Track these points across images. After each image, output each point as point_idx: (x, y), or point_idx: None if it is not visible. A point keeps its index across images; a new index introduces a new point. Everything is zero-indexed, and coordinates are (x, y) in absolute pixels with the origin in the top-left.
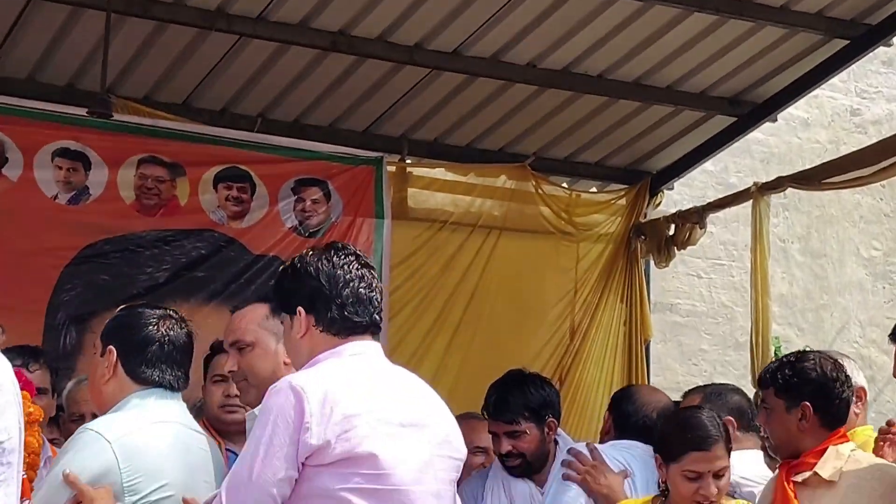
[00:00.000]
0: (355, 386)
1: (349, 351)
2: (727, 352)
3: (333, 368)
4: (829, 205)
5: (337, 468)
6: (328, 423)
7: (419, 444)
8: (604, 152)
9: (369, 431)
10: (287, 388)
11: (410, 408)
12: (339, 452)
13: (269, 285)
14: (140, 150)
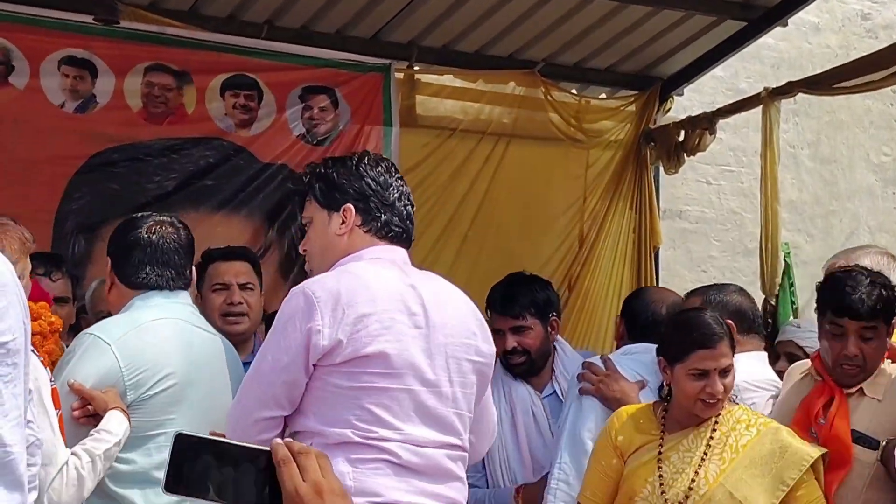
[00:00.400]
0: (372, 287)
1: (371, 254)
2: (736, 258)
3: (353, 270)
4: (839, 110)
5: (348, 367)
6: (340, 325)
7: (434, 346)
8: (614, 58)
9: (382, 331)
10: (300, 293)
11: (430, 309)
12: (350, 352)
13: (277, 194)
14: (147, 58)
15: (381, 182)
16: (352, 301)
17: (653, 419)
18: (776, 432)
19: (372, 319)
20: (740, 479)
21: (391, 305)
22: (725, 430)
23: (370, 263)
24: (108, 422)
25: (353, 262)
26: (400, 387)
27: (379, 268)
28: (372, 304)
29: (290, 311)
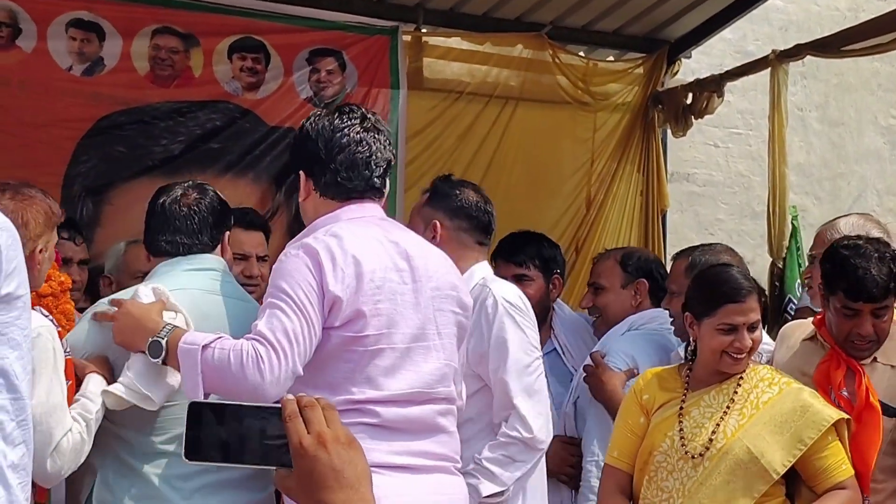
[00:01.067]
0: (359, 247)
1: (346, 215)
2: (744, 221)
3: (337, 232)
4: (848, 73)
5: (343, 330)
6: (341, 283)
7: (423, 300)
8: (621, 20)
9: (375, 290)
10: (298, 252)
11: (415, 265)
12: (348, 313)
13: (284, 157)
14: (153, 21)
15: (326, 140)
16: (346, 261)
17: (678, 378)
18: (798, 392)
19: (366, 279)
20: (758, 434)
21: (379, 263)
22: (748, 387)
23: (350, 224)
24: (87, 385)
25: (332, 223)
26: (390, 346)
27: (359, 227)
28: (365, 263)
29: (297, 265)
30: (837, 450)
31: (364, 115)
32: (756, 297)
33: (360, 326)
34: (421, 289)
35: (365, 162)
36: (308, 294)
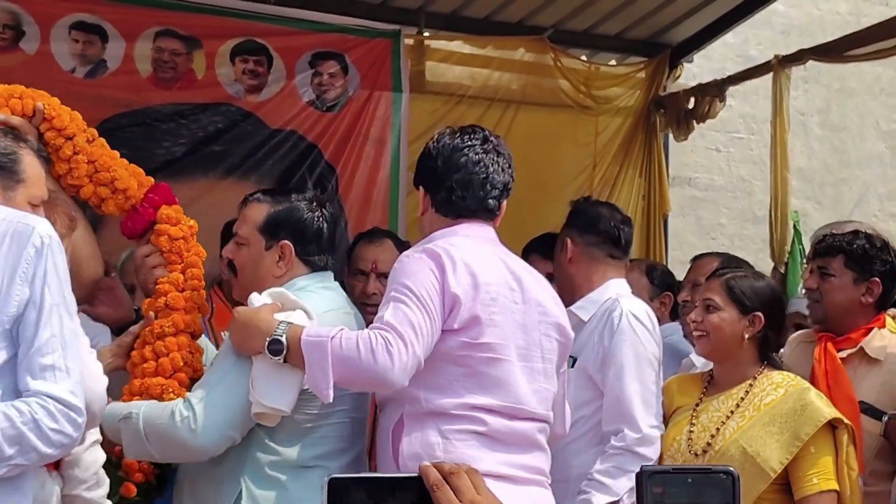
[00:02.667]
0: (478, 259)
1: (463, 231)
2: (745, 226)
3: (455, 243)
4: (850, 77)
5: (459, 335)
6: (461, 285)
7: (529, 322)
8: (623, 24)
9: (490, 302)
10: (421, 254)
11: (525, 287)
12: (466, 318)
13: (286, 160)
14: (156, 23)
15: (445, 158)
16: (464, 268)
17: (699, 384)
18: (803, 392)
19: (483, 290)
20: (756, 435)
21: (495, 279)
22: (757, 391)
23: (466, 238)
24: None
25: (450, 236)
26: (502, 358)
27: (476, 243)
28: (483, 275)
29: (420, 266)
30: (826, 460)
31: (486, 137)
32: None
33: (477, 333)
34: (529, 311)
35: (480, 183)
36: (430, 291)
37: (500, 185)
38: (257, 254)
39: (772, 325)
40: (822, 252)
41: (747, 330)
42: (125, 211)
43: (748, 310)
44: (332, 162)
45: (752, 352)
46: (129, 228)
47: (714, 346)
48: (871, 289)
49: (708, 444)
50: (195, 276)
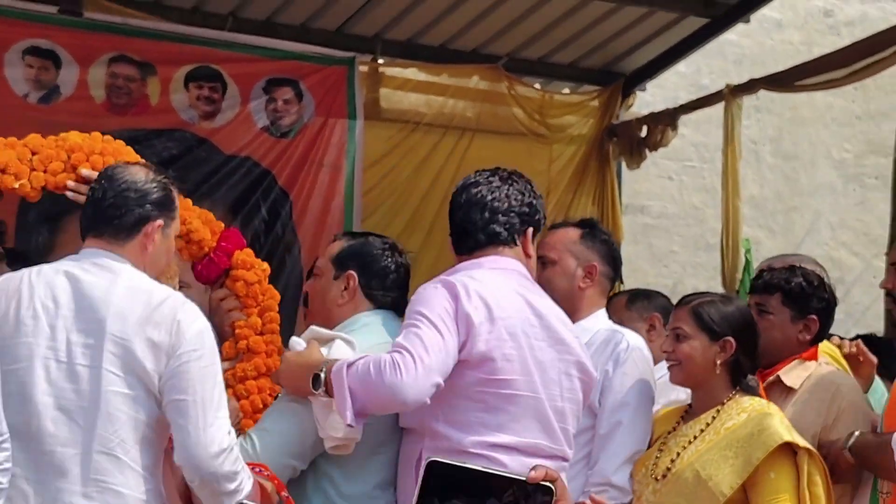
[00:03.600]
0: (498, 293)
1: (489, 264)
2: (697, 253)
3: (477, 276)
4: (801, 107)
5: (475, 369)
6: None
7: (549, 360)
8: (577, 53)
9: (507, 337)
10: (437, 284)
11: (546, 324)
12: (483, 350)
13: (240, 186)
14: (110, 49)
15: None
16: (484, 301)
17: (679, 412)
18: (763, 417)
19: (500, 324)
20: (711, 459)
21: (515, 314)
22: (724, 417)
23: (490, 272)
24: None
25: (471, 269)
26: (520, 394)
27: (499, 276)
28: (499, 309)
29: (437, 297)
30: (786, 485)
31: (494, 171)
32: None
33: (492, 369)
34: (550, 348)
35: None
36: (442, 314)
37: (506, 211)
38: (326, 283)
39: (744, 349)
40: (759, 289)
41: (719, 356)
42: (199, 259)
43: (718, 336)
44: (286, 188)
45: (724, 377)
46: (203, 276)
47: (686, 375)
48: (808, 326)
49: (668, 469)
50: (272, 319)
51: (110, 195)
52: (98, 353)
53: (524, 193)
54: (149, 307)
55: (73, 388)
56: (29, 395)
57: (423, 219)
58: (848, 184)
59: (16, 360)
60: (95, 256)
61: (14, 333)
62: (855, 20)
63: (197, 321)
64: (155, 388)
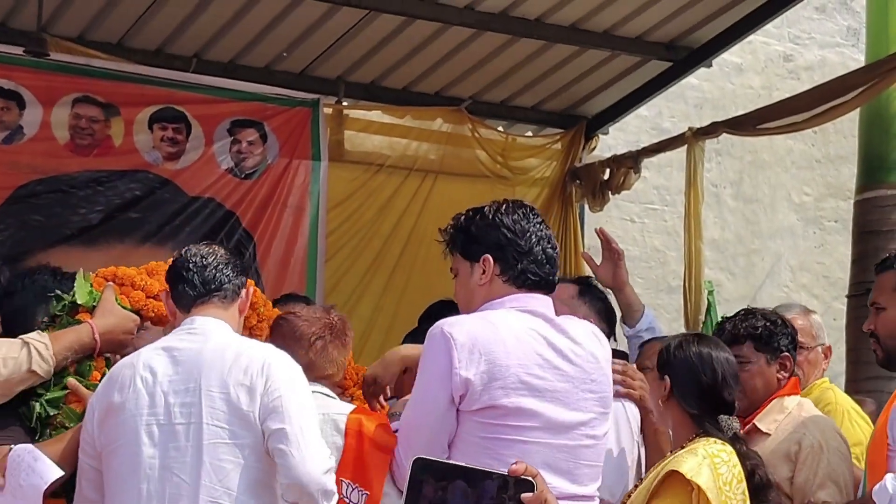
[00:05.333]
0: (510, 338)
1: (511, 303)
2: (660, 295)
3: (492, 319)
4: (762, 150)
5: (483, 416)
6: (475, 368)
7: (569, 399)
8: (540, 96)
9: (518, 385)
10: (438, 335)
11: (568, 360)
12: (486, 399)
13: (204, 227)
14: (74, 90)
15: (517, 230)
16: (489, 349)
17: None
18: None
19: (508, 372)
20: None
21: (528, 359)
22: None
23: (509, 312)
24: None
25: (493, 309)
26: (533, 440)
27: (518, 317)
28: (507, 356)
29: (432, 353)
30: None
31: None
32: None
33: (502, 416)
34: (570, 388)
35: (551, 258)
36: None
37: (555, 258)
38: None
39: (680, 391)
40: (728, 341)
41: (661, 394)
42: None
43: (661, 374)
44: (249, 229)
45: (675, 414)
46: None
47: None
48: (783, 364)
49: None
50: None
51: (213, 266)
52: (197, 410)
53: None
54: (239, 358)
55: (174, 446)
56: (137, 462)
57: (385, 260)
58: (808, 227)
59: (123, 435)
60: (191, 323)
61: (120, 414)
62: (814, 65)
63: (285, 363)
64: (257, 429)
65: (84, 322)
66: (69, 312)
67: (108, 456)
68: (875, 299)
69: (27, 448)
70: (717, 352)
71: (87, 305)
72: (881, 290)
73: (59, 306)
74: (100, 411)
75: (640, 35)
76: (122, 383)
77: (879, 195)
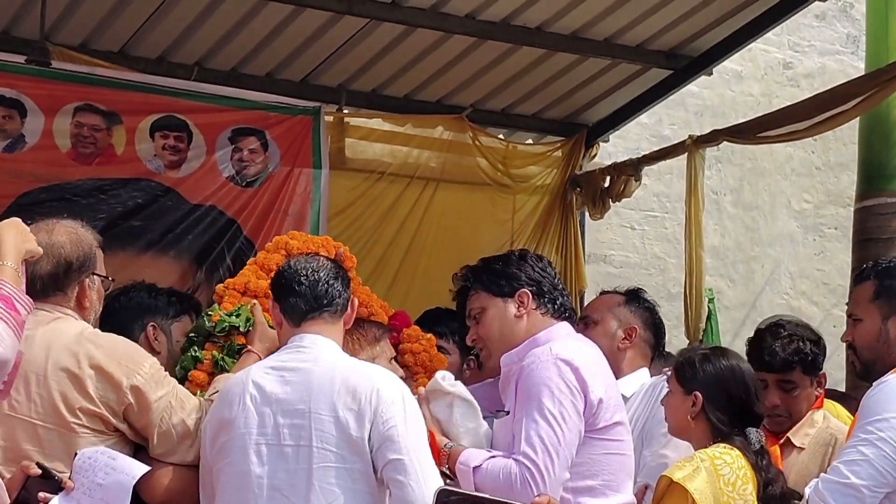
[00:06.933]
0: (597, 360)
1: (561, 331)
2: (660, 303)
3: (571, 345)
4: (762, 158)
5: (600, 433)
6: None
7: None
8: (540, 104)
9: (617, 400)
10: (554, 363)
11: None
12: (607, 416)
13: (205, 235)
14: (76, 98)
15: (547, 272)
16: (596, 369)
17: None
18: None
19: (612, 390)
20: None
21: (611, 379)
22: None
23: (573, 339)
24: None
25: (554, 338)
26: (627, 454)
27: (582, 343)
28: (606, 377)
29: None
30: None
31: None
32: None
33: (611, 433)
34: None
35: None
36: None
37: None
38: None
39: (714, 405)
40: (779, 368)
41: (690, 411)
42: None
43: (689, 391)
44: (251, 237)
45: (703, 430)
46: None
47: (672, 429)
48: (820, 382)
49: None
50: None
51: (325, 280)
52: (306, 433)
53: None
54: (348, 381)
55: (284, 467)
56: (246, 480)
57: (387, 268)
58: (807, 234)
59: (231, 453)
60: (301, 340)
61: (229, 431)
62: (814, 72)
63: (395, 386)
64: (367, 455)
65: (251, 352)
66: (228, 334)
67: (218, 472)
68: (852, 311)
69: (97, 449)
70: (744, 364)
71: (243, 329)
72: (857, 302)
73: (218, 328)
74: (212, 428)
75: (640, 43)
76: (232, 400)
77: (879, 203)
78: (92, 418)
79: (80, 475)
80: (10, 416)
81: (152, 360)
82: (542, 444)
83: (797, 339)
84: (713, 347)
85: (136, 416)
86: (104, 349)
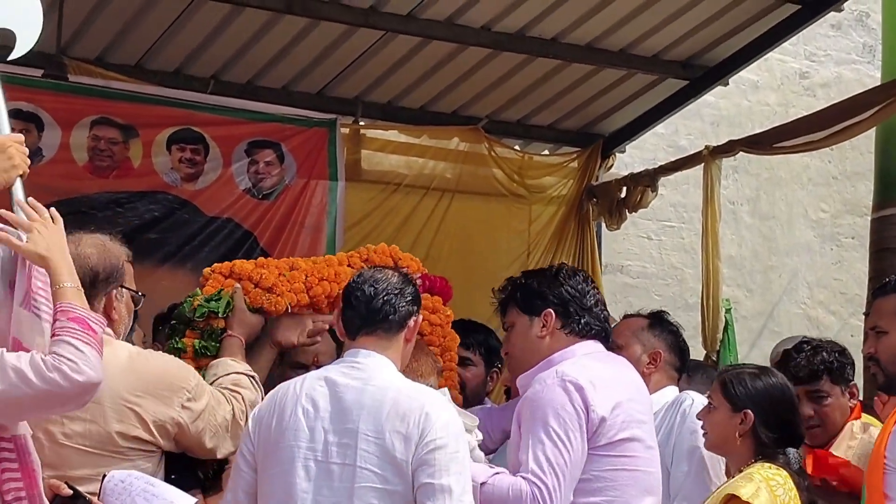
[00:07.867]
0: (608, 378)
1: (581, 350)
2: (677, 313)
3: (585, 363)
4: (778, 167)
5: (606, 450)
6: (602, 405)
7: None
8: (556, 115)
9: (627, 418)
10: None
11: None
12: (611, 434)
13: (222, 247)
14: (93, 112)
15: (578, 289)
16: (604, 387)
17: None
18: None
19: (621, 407)
20: None
21: (625, 395)
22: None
23: (588, 358)
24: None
25: (569, 357)
26: (641, 469)
27: (599, 361)
28: (616, 393)
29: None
30: None
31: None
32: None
33: (620, 449)
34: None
35: (605, 318)
36: (571, 421)
37: (609, 320)
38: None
39: (764, 422)
40: (807, 378)
41: (739, 428)
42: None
43: (739, 408)
44: (267, 249)
45: (747, 447)
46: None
47: (712, 444)
48: (853, 393)
49: None
50: (451, 358)
51: (382, 295)
52: (353, 452)
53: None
54: (398, 404)
55: (328, 485)
56: (290, 493)
57: None
58: (825, 243)
59: (279, 462)
60: (356, 355)
61: (279, 440)
62: (830, 82)
63: (444, 412)
64: (409, 478)
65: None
66: (206, 319)
67: (262, 477)
68: (876, 323)
69: (130, 473)
70: (791, 385)
71: (222, 315)
72: (881, 314)
73: (197, 313)
74: (262, 428)
75: (656, 53)
76: (283, 407)
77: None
78: (145, 443)
79: (112, 498)
80: (64, 444)
81: (193, 371)
82: (550, 464)
83: (821, 349)
84: (753, 365)
85: (186, 432)
86: (155, 374)
